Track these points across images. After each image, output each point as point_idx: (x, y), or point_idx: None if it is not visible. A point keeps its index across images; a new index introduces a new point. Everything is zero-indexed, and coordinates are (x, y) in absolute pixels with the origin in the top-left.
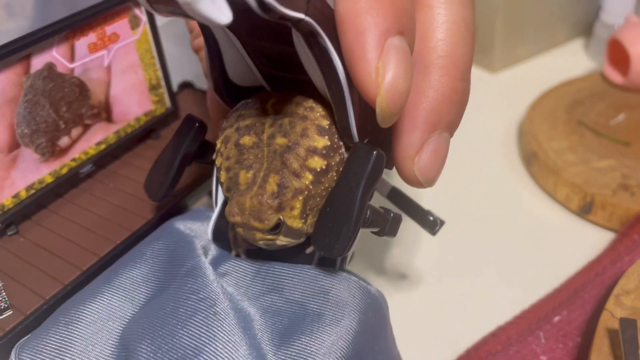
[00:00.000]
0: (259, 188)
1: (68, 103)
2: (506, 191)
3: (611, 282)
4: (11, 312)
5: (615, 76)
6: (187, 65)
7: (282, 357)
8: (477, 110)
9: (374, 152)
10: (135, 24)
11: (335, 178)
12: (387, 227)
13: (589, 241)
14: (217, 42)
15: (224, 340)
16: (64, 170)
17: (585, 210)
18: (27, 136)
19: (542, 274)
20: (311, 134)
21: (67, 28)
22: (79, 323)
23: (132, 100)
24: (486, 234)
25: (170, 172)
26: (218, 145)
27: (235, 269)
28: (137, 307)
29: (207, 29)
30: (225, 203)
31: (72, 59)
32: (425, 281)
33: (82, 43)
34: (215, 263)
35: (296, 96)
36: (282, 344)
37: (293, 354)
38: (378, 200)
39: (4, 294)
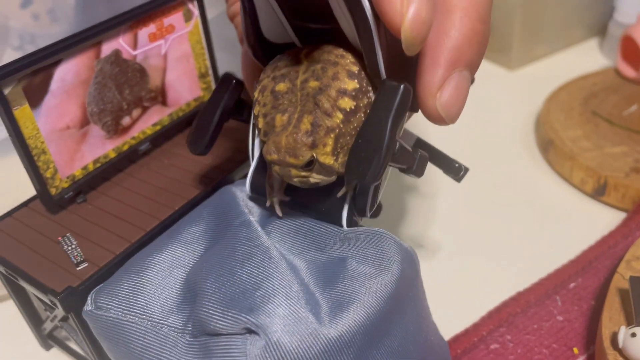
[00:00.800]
0: (294, 127)
1: (130, 86)
2: (525, 176)
3: (623, 253)
4: (86, 264)
5: (628, 71)
6: (233, 60)
7: (328, 296)
8: (497, 104)
9: (402, 86)
10: (188, 17)
11: (363, 119)
12: (415, 165)
13: (602, 220)
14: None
15: (279, 278)
16: (125, 147)
17: (599, 192)
18: (96, 114)
19: (559, 249)
20: (342, 77)
21: (133, 18)
22: (149, 271)
23: (184, 86)
24: (507, 215)
25: (210, 127)
26: (256, 95)
27: (278, 228)
28: (197, 257)
29: None
30: (261, 157)
31: (135, 46)
32: (454, 252)
33: (143, 33)
34: (260, 222)
35: (328, 46)
36: (327, 286)
37: (337, 293)
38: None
39: (79, 250)
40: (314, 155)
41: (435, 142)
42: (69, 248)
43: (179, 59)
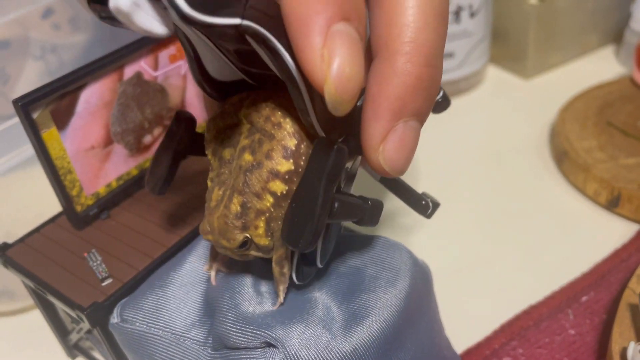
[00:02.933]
0: (225, 208)
1: (152, 106)
2: (539, 187)
3: (636, 266)
4: (111, 280)
5: None
6: None
7: (345, 310)
8: (511, 113)
9: (334, 147)
10: None
11: None
12: (365, 215)
13: (616, 232)
14: (191, 42)
15: (294, 292)
16: (147, 164)
17: (612, 204)
18: (119, 134)
19: (572, 261)
20: (275, 156)
21: (154, 42)
22: (171, 286)
23: (202, 104)
24: (520, 226)
25: (164, 169)
26: (209, 157)
27: None
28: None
29: (179, 30)
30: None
31: (156, 68)
32: (466, 264)
33: (164, 54)
34: None
35: (267, 105)
36: (344, 300)
37: (354, 307)
38: (369, 184)
39: (104, 266)
40: (248, 236)
41: (446, 153)
42: (95, 264)
43: None
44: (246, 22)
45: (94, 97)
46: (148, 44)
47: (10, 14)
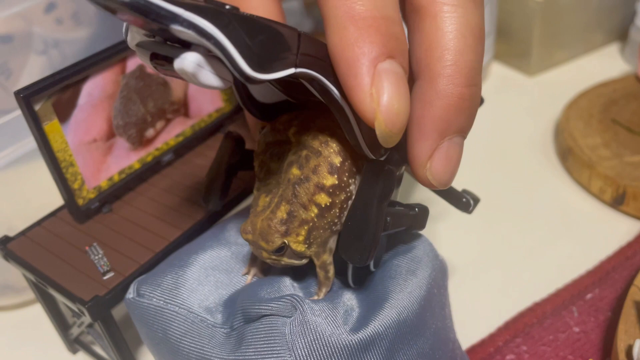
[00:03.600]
0: (271, 212)
1: (154, 99)
2: (543, 184)
3: None
4: (112, 274)
5: None
6: None
7: (365, 296)
8: (516, 110)
9: (384, 169)
10: None
11: (337, 214)
12: (414, 222)
13: (621, 230)
14: None
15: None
16: (149, 158)
17: (617, 201)
18: (121, 127)
19: (577, 259)
20: (322, 172)
21: None
22: (192, 267)
23: (206, 98)
24: (524, 224)
25: (219, 186)
26: (256, 168)
27: None
28: (237, 259)
29: None
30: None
31: None
32: (471, 261)
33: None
34: None
35: (315, 125)
36: (368, 287)
37: (376, 292)
38: (412, 185)
39: (105, 259)
40: (286, 242)
41: None
42: (96, 257)
43: None
44: (299, 70)
45: (96, 89)
46: None
47: (13, 7)
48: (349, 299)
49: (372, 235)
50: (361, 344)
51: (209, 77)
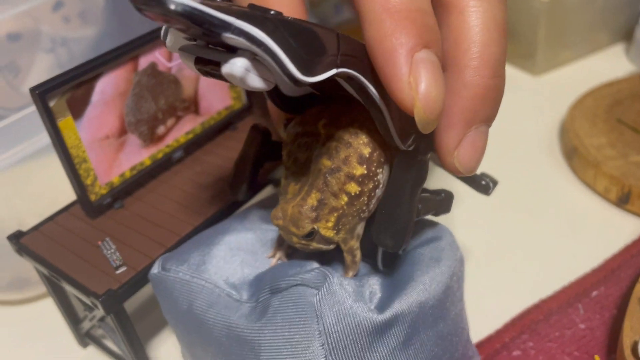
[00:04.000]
0: (301, 199)
1: (165, 97)
2: (549, 183)
3: None
4: (125, 268)
5: None
6: None
7: (389, 282)
8: (521, 110)
9: (417, 159)
10: None
11: (366, 202)
12: (441, 207)
13: (626, 228)
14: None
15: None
16: (160, 155)
17: (623, 201)
18: (133, 124)
19: (582, 257)
20: (352, 162)
21: None
22: (219, 246)
23: (215, 96)
24: (530, 223)
25: (246, 176)
26: (284, 157)
27: None
28: (262, 242)
29: None
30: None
31: (170, 59)
32: (477, 259)
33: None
34: None
35: (344, 117)
36: (391, 273)
37: (400, 278)
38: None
39: (118, 254)
40: (315, 227)
41: None
42: (109, 252)
43: None
44: (341, 70)
45: (109, 86)
46: None
47: (21, 5)
48: (373, 284)
49: (407, 222)
50: (385, 320)
51: (255, 80)
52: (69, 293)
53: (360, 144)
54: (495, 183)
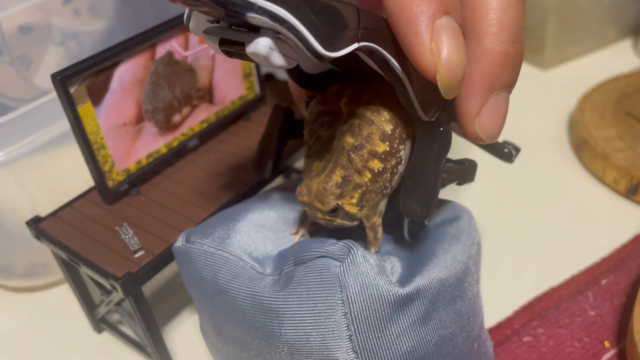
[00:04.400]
0: (326, 176)
1: (181, 86)
2: (558, 175)
3: None
4: (143, 252)
5: None
6: None
7: (410, 258)
8: (531, 103)
9: (439, 130)
10: None
11: (389, 178)
12: (465, 176)
13: (635, 219)
14: None
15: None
16: (175, 143)
17: (631, 192)
18: (150, 112)
19: (592, 246)
20: (375, 139)
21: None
22: (243, 222)
23: (230, 86)
24: (540, 213)
25: (271, 155)
26: (306, 135)
27: None
28: (284, 221)
29: None
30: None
31: (186, 48)
32: (489, 248)
33: (194, 35)
34: None
35: (366, 95)
36: (412, 251)
37: (422, 255)
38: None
39: (136, 239)
40: (340, 203)
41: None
42: (126, 237)
43: (225, 60)
44: (362, 44)
45: (127, 74)
46: (179, 24)
47: None
48: (394, 260)
49: (432, 192)
50: (407, 294)
51: (279, 58)
52: (85, 278)
53: (382, 121)
54: (517, 150)
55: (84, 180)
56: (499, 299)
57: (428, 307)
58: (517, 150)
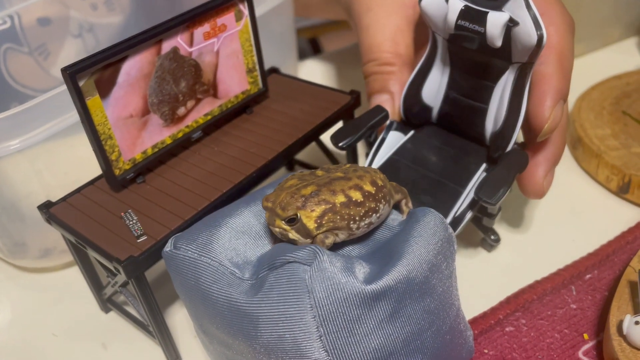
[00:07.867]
0: (296, 189)
1: (186, 80)
2: None
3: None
4: (146, 237)
5: None
6: (276, 54)
7: (377, 258)
8: None
9: (527, 154)
10: (239, 17)
11: (361, 214)
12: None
13: (625, 217)
14: (433, 64)
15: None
16: (180, 135)
17: (623, 190)
18: (155, 105)
19: (580, 242)
20: (365, 180)
21: (190, 19)
22: (225, 228)
23: (233, 80)
24: (532, 208)
25: (357, 133)
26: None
27: None
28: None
29: (433, 52)
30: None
31: (191, 44)
32: (477, 241)
33: (199, 32)
34: None
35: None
36: (378, 250)
37: (388, 254)
38: None
39: (139, 225)
40: (298, 215)
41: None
42: (131, 223)
43: (229, 55)
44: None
45: (134, 69)
46: (184, 21)
47: None
48: (362, 263)
49: (506, 188)
50: (373, 293)
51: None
52: (93, 261)
53: (377, 177)
54: (498, 242)
55: (95, 167)
56: (485, 290)
57: (395, 306)
58: (498, 242)
